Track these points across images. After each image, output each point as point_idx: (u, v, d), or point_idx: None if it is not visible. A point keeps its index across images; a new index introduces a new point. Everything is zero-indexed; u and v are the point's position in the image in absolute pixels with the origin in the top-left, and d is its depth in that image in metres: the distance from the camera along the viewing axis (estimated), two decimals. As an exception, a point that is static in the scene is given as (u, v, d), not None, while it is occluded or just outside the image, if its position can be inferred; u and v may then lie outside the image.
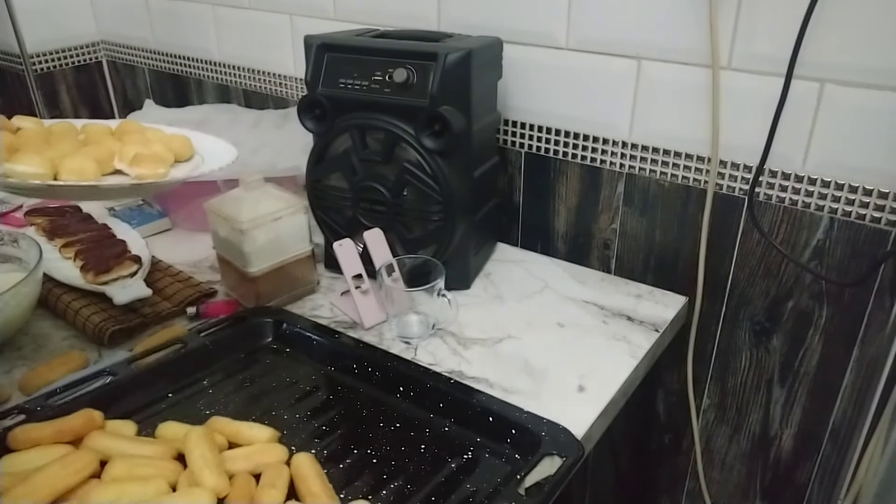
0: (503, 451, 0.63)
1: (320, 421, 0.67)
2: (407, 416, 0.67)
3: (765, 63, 0.76)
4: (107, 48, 1.50)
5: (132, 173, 0.71)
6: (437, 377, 0.70)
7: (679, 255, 0.90)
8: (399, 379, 0.70)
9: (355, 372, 0.73)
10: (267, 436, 0.62)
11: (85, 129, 0.79)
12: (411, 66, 0.79)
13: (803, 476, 0.90)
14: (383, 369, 0.72)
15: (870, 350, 0.80)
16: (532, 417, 0.64)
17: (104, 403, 0.64)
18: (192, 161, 0.78)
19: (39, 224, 0.97)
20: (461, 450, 0.63)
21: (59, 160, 0.68)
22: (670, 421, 1.00)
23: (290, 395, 0.70)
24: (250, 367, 0.75)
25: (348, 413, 0.68)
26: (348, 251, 0.82)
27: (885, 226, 0.74)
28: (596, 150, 0.92)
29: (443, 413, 0.67)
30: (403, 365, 0.72)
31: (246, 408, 0.68)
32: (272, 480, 0.55)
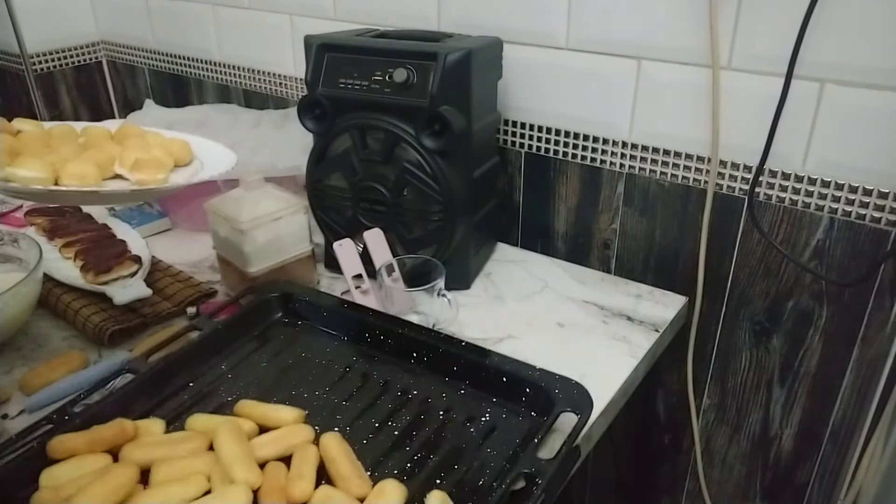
0: (519, 411, 0.64)
1: (340, 395, 0.68)
2: (422, 382, 0.69)
3: (765, 63, 0.76)
4: (107, 48, 1.50)
5: (133, 178, 0.71)
6: (449, 340, 0.71)
7: (679, 255, 0.90)
8: (411, 344, 0.71)
9: (368, 340, 0.74)
10: (293, 417, 0.63)
11: (85, 132, 0.79)
12: (411, 66, 0.79)
13: (803, 476, 0.90)
14: (395, 336, 0.73)
15: (870, 350, 0.80)
16: (544, 375, 0.65)
17: (129, 403, 0.65)
18: (192, 166, 0.79)
19: (39, 224, 0.97)
20: (479, 413, 0.64)
21: (61, 165, 0.68)
22: (670, 421, 1.00)
23: (306, 370, 0.71)
24: (265, 345, 0.75)
25: (366, 384, 0.69)
26: (348, 251, 0.82)
27: (885, 226, 0.74)
28: (596, 150, 0.92)
29: (457, 376, 0.68)
30: (414, 330, 0.73)
31: (267, 388, 0.69)
32: (301, 469, 0.56)
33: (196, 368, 0.71)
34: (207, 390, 0.69)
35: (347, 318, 0.76)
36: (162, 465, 0.56)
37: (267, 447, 0.59)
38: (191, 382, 0.70)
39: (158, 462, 0.56)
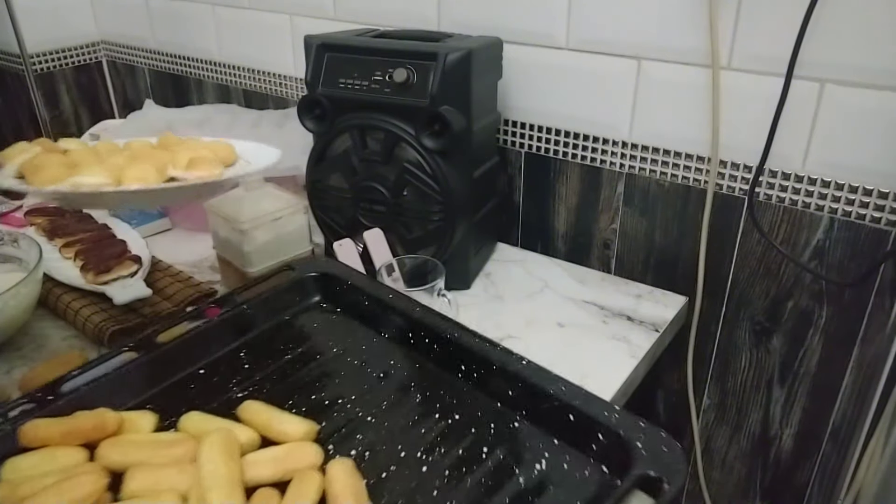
0: (586, 462, 0.50)
1: (367, 408, 0.58)
2: (468, 404, 0.57)
3: (765, 63, 0.76)
4: (107, 48, 1.50)
5: (190, 177, 0.70)
6: (508, 356, 0.58)
7: (679, 255, 0.90)
8: (461, 354, 0.59)
9: (411, 342, 0.64)
10: (302, 432, 0.54)
11: (128, 146, 0.79)
12: (411, 66, 0.79)
13: (803, 476, 0.90)
14: (443, 341, 0.61)
15: (870, 350, 0.80)
16: (625, 419, 0.50)
17: (125, 388, 0.58)
18: (238, 164, 0.78)
19: (39, 224, 0.97)
20: (533, 456, 0.51)
21: (119, 171, 0.68)
22: (670, 421, 1.00)
23: (334, 369, 0.62)
24: (294, 332, 0.67)
25: (399, 399, 0.58)
26: (348, 251, 0.82)
27: (885, 226, 0.74)
28: (596, 150, 0.92)
29: (513, 403, 0.56)
30: (468, 336, 0.60)
31: (286, 387, 0.60)
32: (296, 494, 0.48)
33: (210, 353, 0.63)
34: (218, 381, 0.61)
35: (392, 311, 0.66)
36: (137, 473, 0.49)
37: (262, 467, 0.51)
38: (202, 369, 0.62)
39: (134, 468, 0.49)
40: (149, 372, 0.59)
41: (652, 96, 0.85)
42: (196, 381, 0.61)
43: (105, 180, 0.66)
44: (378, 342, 0.66)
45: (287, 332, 0.67)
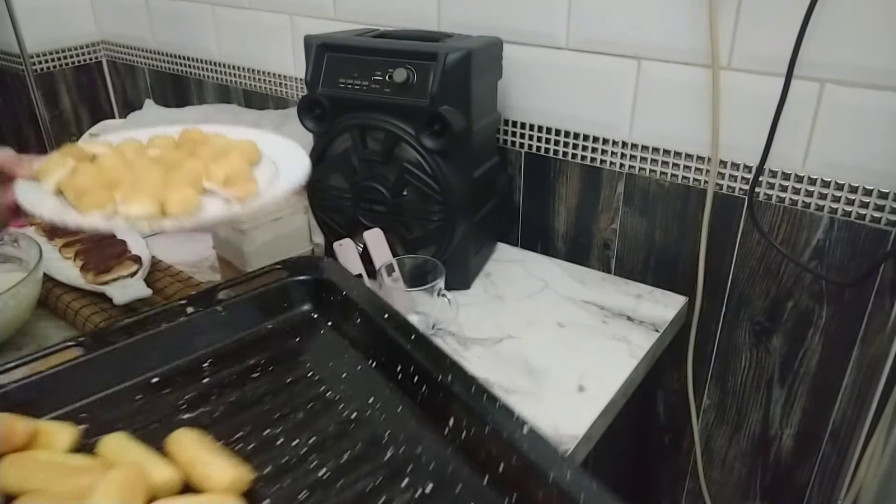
0: None
1: (322, 458, 0.49)
2: (449, 473, 0.47)
3: (765, 63, 0.76)
4: (107, 48, 1.50)
5: (228, 195, 0.66)
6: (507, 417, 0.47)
7: (679, 255, 0.90)
8: (451, 405, 0.49)
9: (398, 377, 0.55)
10: (227, 481, 0.45)
11: (152, 142, 0.76)
12: (411, 66, 0.79)
13: (803, 476, 0.90)
14: (433, 384, 0.51)
15: (870, 350, 0.80)
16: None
17: (61, 389, 0.50)
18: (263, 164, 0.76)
19: (39, 224, 0.97)
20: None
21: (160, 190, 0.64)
22: (670, 421, 1.00)
23: (302, 400, 0.54)
24: (271, 346, 0.59)
25: (366, 451, 0.49)
26: (348, 251, 0.82)
27: (885, 226, 0.74)
28: (596, 150, 0.92)
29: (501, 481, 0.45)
30: (463, 383, 0.50)
31: (238, 414, 0.52)
32: None
33: (168, 360, 0.55)
34: (169, 395, 0.53)
35: (384, 336, 0.56)
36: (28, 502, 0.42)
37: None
38: (155, 378, 0.54)
39: (28, 496, 0.43)
40: (92, 374, 0.52)
41: (652, 96, 0.85)
42: (145, 391, 0.53)
43: (149, 209, 0.62)
44: (362, 371, 0.57)
45: (263, 345, 0.58)
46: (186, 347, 0.57)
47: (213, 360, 0.57)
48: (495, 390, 0.68)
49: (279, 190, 0.66)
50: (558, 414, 0.69)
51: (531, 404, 0.70)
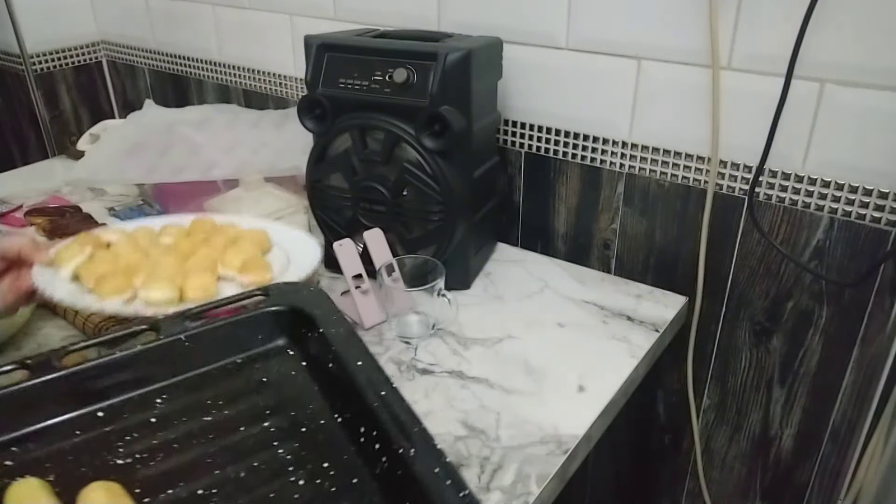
0: None
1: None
2: None
3: (765, 63, 0.76)
4: (107, 48, 1.50)
5: (245, 281, 0.67)
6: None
7: (679, 255, 0.90)
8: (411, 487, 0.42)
9: (360, 441, 0.47)
10: None
11: (164, 230, 0.76)
12: (411, 66, 0.79)
13: (803, 476, 0.90)
14: (395, 458, 0.44)
15: (870, 350, 0.80)
16: None
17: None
18: (276, 252, 0.75)
19: (39, 224, 0.97)
20: None
21: (181, 279, 0.66)
22: (670, 421, 1.00)
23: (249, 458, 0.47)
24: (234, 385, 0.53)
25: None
26: (348, 251, 0.82)
27: (885, 226, 0.74)
28: (596, 150, 0.92)
29: None
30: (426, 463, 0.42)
31: (174, 465, 0.47)
32: None
33: (120, 392, 0.50)
34: (111, 433, 0.48)
35: (352, 386, 0.49)
36: None
37: None
38: (101, 412, 0.49)
39: None
40: (33, 403, 0.47)
41: (652, 96, 0.85)
42: (87, 426, 0.48)
43: (169, 294, 0.64)
44: (325, 426, 0.50)
45: (225, 383, 0.52)
46: (141, 378, 0.51)
47: (167, 395, 0.51)
48: (495, 391, 0.68)
49: (292, 276, 0.65)
50: (558, 414, 0.69)
51: (531, 404, 0.70)
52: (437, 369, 0.75)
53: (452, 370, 0.75)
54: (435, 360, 0.77)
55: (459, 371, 0.75)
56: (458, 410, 0.69)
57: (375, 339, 0.80)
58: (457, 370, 0.75)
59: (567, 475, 0.66)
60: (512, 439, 0.66)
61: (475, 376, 0.74)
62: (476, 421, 0.68)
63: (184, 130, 1.02)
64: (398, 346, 0.79)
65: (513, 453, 0.64)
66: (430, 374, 0.75)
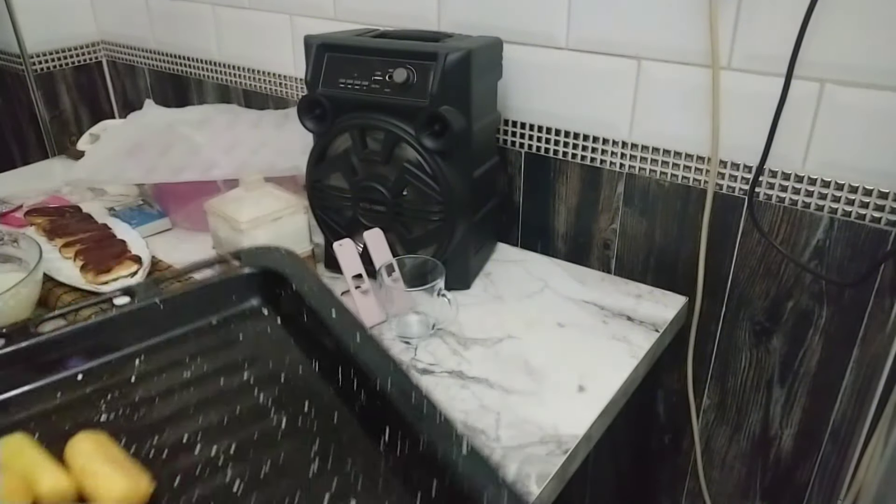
0: None
1: (238, 467, 0.45)
2: (379, 488, 0.44)
3: (765, 63, 0.76)
4: (107, 48, 1.50)
5: None
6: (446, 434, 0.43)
7: (679, 255, 0.90)
8: (388, 416, 0.45)
9: (339, 383, 0.50)
10: (118, 492, 0.41)
11: None
12: (411, 66, 0.79)
13: (803, 476, 0.90)
14: (372, 392, 0.47)
15: (870, 350, 0.80)
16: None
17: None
18: None
19: (39, 224, 0.97)
20: None
21: None
22: (670, 421, 1.00)
23: (229, 401, 0.49)
24: (210, 343, 0.54)
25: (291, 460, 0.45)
26: (348, 251, 0.82)
27: (885, 226, 0.74)
28: (596, 150, 0.92)
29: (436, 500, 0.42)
30: (404, 392, 0.46)
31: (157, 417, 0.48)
32: None
33: (97, 355, 0.51)
34: (92, 393, 0.49)
35: (328, 333, 0.51)
36: None
37: None
38: (80, 374, 0.50)
39: None
40: (12, 369, 0.49)
41: (652, 96, 0.85)
42: (67, 389, 0.49)
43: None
44: (303, 374, 0.52)
45: (202, 342, 0.54)
46: (119, 342, 0.53)
47: (145, 356, 0.53)
48: (495, 390, 0.68)
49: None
50: (558, 414, 0.69)
51: (531, 404, 0.70)
52: (437, 369, 0.75)
53: (452, 370, 0.75)
54: (435, 360, 0.77)
55: (459, 371, 0.75)
56: (458, 410, 0.69)
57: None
58: (457, 370, 0.75)
59: (567, 475, 0.66)
60: (512, 439, 0.66)
61: (475, 376, 0.74)
62: (476, 421, 0.68)
63: (184, 130, 1.02)
64: (398, 346, 0.79)
65: (513, 453, 0.64)
66: (430, 374, 0.75)
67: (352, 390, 0.48)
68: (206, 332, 0.55)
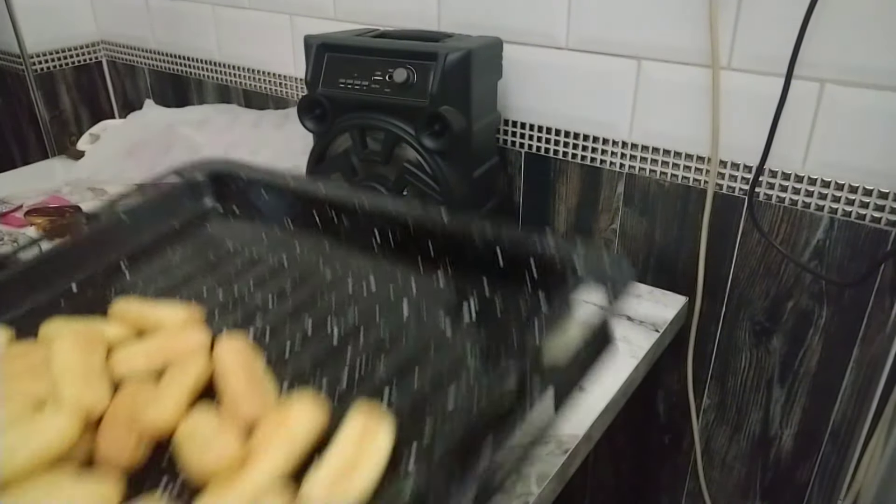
0: (524, 293, 0.46)
1: (266, 291, 0.51)
2: (387, 271, 0.52)
3: (765, 63, 0.76)
4: (107, 48, 1.50)
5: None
6: (424, 213, 0.52)
7: (679, 255, 0.90)
8: (372, 220, 0.53)
9: (318, 224, 0.57)
10: (181, 317, 0.47)
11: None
12: (411, 66, 0.79)
13: (803, 476, 0.90)
14: (350, 211, 0.54)
15: (870, 350, 0.80)
16: (559, 242, 0.46)
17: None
18: None
19: (39, 224, 0.97)
20: (461, 298, 0.48)
21: None
22: (670, 421, 1.00)
23: (230, 265, 0.55)
24: (184, 240, 0.59)
25: (308, 279, 0.53)
26: (348, 251, 0.82)
27: (885, 226, 0.74)
28: (596, 150, 0.92)
29: (434, 258, 0.50)
30: (378, 200, 0.55)
31: (170, 289, 0.53)
32: (166, 390, 0.41)
33: (85, 267, 0.55)
34: (94, 295, 0.53)
35: (293, 194, 0.59)
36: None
37: (134, 360, 0.43)
38: (73, 284, 0.54)
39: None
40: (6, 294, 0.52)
41: (652, 96, 0.85)
42: (68, 298, 0.53)
43: None
44: (282, 233, 0.58)
45: (176, 238, 0.59)
46: (100, 256, 0.57)
47: (129, 260, 0.57)
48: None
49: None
50: (558, 414, 0.69)
51: (531, 404, 0.70)
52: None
53: (452, 370, 0.75)
54: (435, 360, 0.76)
55: (459, 371, 0.75)
56: (458, 410, 0.69)
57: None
58: (457, 370, 0.75)
59: (567, 475, 0.66)
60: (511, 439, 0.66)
61: (475, 376, 0.74)
62: (476, 421, 0.68)
63: (184, 130, 1.02)
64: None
65: (513, 453, 0.64)
66: (430, 374, 0.75)
67: (332, 223, 0.55)
68: (175, 232, 0.59)
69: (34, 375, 0.42)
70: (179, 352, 0.44)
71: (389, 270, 0.52)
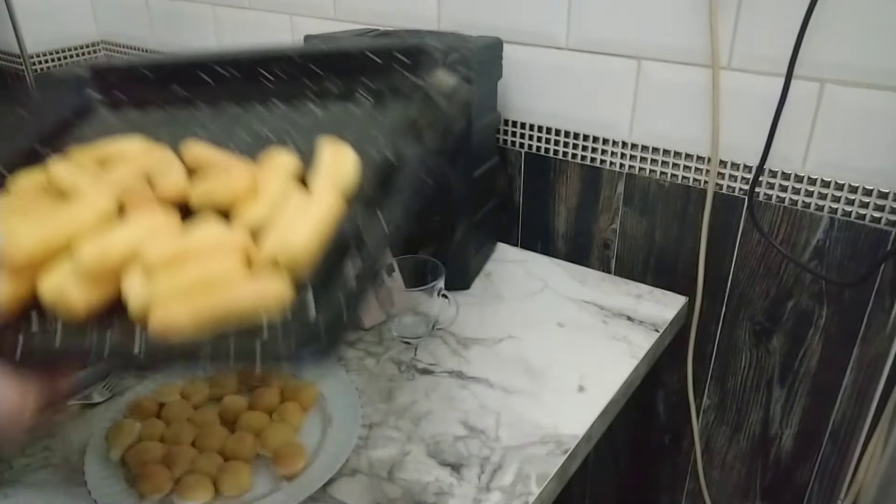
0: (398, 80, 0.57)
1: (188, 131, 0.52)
2: (287, 93, 0.56)
3: (765, 63, 0.76)
4: (107, 48, 1.50)
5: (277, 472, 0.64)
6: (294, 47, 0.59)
7: (679, 255, 0.90)
8: (260, 63, 0.56)
9: (211, 82, 0.57)
10: (139, 146, 0.49)
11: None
12: (411, 66, 0.79)
13: (803, 476, 0.90)
14: (246, 67, 0.56)
15: (870, 350, 0.80)
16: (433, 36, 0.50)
17: None
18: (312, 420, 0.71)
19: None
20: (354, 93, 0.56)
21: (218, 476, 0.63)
22: (670, 421, 1.00)
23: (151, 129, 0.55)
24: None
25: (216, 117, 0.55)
26: (348, 251, 0.82)
27: (885, 226, 0.74)
28: (596, 150, 0.92)
29: (320, 77, 0.56)
30: (252, 51, 0.57)
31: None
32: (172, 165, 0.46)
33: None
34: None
35: (175, 65, 0.58)
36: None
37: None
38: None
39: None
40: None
41: (652, 96, 0.85)
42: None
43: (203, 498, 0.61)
44: (176, 109, 0.57)
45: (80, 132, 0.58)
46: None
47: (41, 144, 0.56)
48: (495, 390, 0.68)
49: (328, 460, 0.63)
50: (558, 414, 0.69)
51: (531, 404, 0.70)
52: (437, 369, 0.75)
53: (452, 370, 0.75)
54: (435, 360, 0.77)
55: (459, 371, 0.75)
56: (458, 410, 0.69)
57: (375, 339, 0.80)
58: (457, 370, 0.75)
59: (567, 475, 0.66)
60: (512, 439, 0.66)
61: (475, 376, 0.74)
62: (476, 421, 0.68)
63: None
64: (398, 346, 0.79)
65: (513, 453, 0.64)
66: (430, 374, 0.75)
67: (223, 77, 0.56)
68: (72, 126, 0.59)
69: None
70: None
71: (288, 92, 0.56)
